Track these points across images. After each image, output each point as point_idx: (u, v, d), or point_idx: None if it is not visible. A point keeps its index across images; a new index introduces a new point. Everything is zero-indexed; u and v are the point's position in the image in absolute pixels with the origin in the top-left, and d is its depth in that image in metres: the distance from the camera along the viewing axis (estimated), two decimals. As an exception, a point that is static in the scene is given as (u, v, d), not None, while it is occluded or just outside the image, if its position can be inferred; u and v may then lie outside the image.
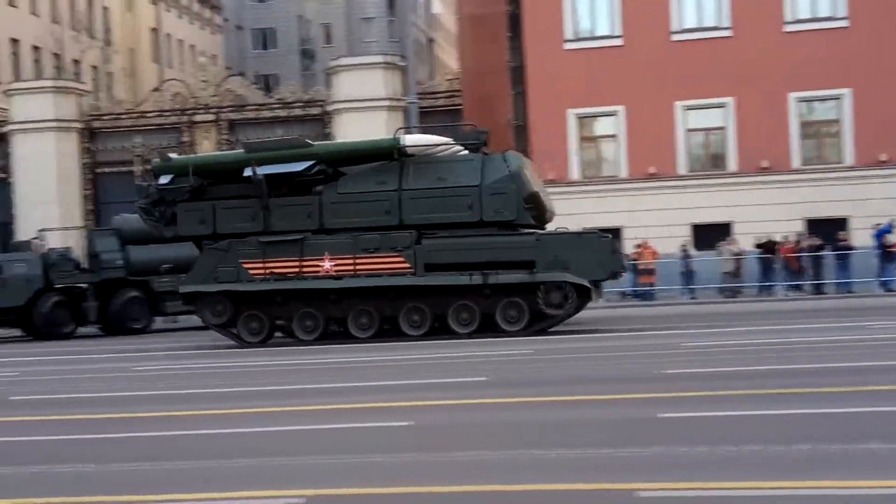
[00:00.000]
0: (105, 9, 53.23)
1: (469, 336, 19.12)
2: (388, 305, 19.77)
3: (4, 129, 38.46)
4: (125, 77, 54.35)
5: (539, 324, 19.54)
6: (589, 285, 19.15)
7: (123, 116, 38.99)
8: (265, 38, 70.32)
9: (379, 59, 38.63)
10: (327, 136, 37.36)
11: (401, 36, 62.33)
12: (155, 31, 57.79)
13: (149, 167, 21.89)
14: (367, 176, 19.95)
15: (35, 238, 30.32)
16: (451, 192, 19.26)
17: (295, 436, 8.91)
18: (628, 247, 31.67)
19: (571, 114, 32.91)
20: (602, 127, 33.54)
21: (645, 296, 30.51)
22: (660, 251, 30.26)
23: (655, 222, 31.50)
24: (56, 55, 48.58)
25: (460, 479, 6.70)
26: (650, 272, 30.40)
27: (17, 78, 43.82)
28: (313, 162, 19.98)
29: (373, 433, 8.83)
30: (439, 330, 19.59)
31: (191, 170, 20.71)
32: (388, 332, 19.94)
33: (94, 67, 51.70)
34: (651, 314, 24.62)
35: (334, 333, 20.44)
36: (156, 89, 41.01)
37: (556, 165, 29.65)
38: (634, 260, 30.19)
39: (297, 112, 38.07)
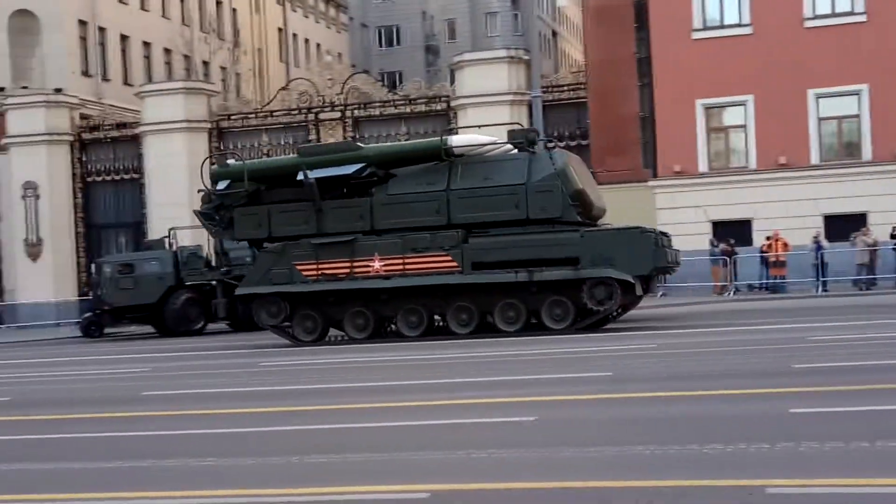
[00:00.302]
0: (233, 10, 54.30)
1: (516, 334, 19.12)
2: (436, 304, 20.11)
3: (137, 131, 39.49)
4: (253, 77, 55.36)
5: (584, 321, 19.38)
6: (633, 280, 19.01)
7: (251, 116, 39.65)
8: (390, 36, 70.88)
9: (503, 53, 38.46)
10: (451, 132, 37.37)
11: (525, 29, 62.09)
12: (282, 31, 58.74)
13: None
14: (416, 177, 20.28)
15: (166, 237, 31.06)
16: (497, 191, 19.42)
17: (419, 431, 8.86)
18: (758, 239, 30.90)
19: (699, 104, 32.28)
20: (730, 117, 32.83)
21: (776, 288, 29.76)
22: (791, 243, 29.47)
23: (786, 213, 30.70)
24: (186, 57, 49.76)
25: (585, 474, 6.54)
26: (781, 264, 29.66)
27: (149, 80, 44.97)
28: (363, 165, 20.39)
29: (497, 428, 8.72)
30: (485, 328, 19.73)
31: (246, 175, 21.17)
32: (437, 330, 20.24)
33: (223, 68, 52.80)
34: (782, 307, 23.92)
35: (387, 332, 20.69)
36: (283, 88, 41.58)
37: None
38: (765, 252, 29.44)
39: (421, 108, 38.16)
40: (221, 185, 21.46)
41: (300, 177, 20.40)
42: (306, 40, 61.75)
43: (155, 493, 6.79)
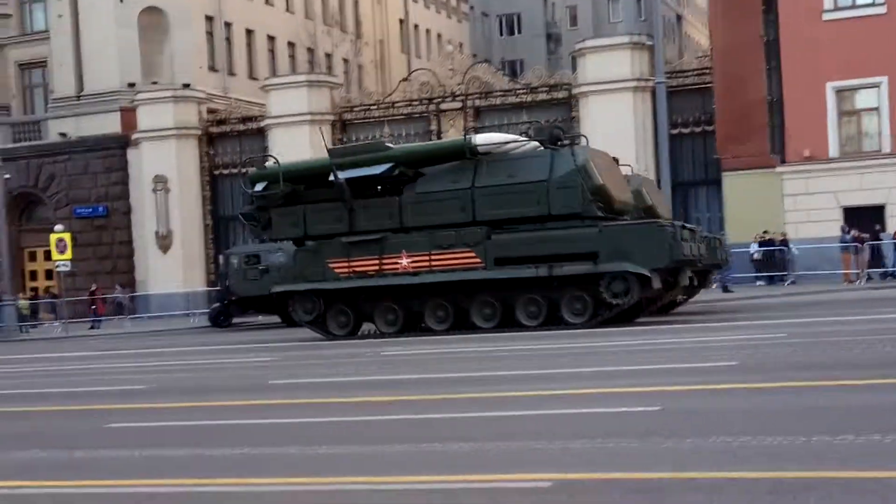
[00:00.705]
0: (355, 3, 54.85)
1: (537, 328, 19.35)
2: (461, 299, 20.42)
3: (262, 124, 40.19)
4: (375, 69, 55.86)
5: (603, 314, 19.40)
6: (649, 274, 18.96)
7: (373, 107, 40.00)
8: (511, 24, 70.71)
9: (626, 39, 38.07)
10: (573, 120, 37.05)
11: (648, 14, 61.19)
12: (403, 22, 59.12)
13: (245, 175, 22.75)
14: (443, 175, 20.68)
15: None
16: (520, 188, 19.69)
17: (542, 420, 8.78)
18: (892, 225, 29.91)
19: (829, 87, 31.39)
20: (863, 100, 31.86)
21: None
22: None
23: (922, 199, 29.66)
24: (310, 50, 50.46)
25: (710, 465, 6.37)
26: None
27: (274, 74, 45.71)
28: (391, 164, 20.78)
29: (620, 418, 8.59)
30: (509, 323, 19.95)
31: (281, 177, 21.67)
32: (463, 325, 20.31)
33: (346, 60, 53.37)
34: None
35: (420, 327, 20.96)
36: (404, 79, 41.84)
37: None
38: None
39: (543, 97, 37.97)
40: (259, 187, 22.05)
41: (331, 178, 20.87)
42: (427, 31, 62.02)
43: (281, 480, 6.84)
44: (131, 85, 42.40)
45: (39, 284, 44.11)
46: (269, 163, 24.17)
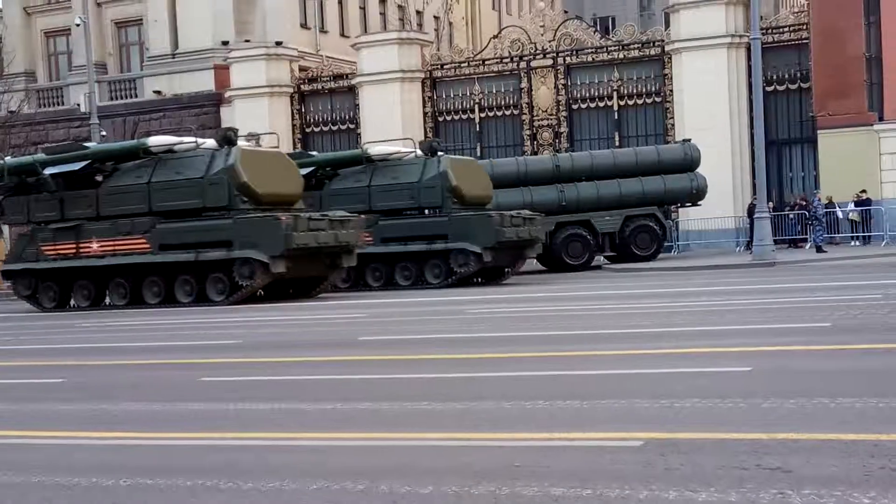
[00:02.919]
0: (446, -40, 54.50)
1: (189, 305, 22.54)
2: (135, 278, 23.57)
3: (353, 82, 40.30)
4: (465, 26, 55.58)
5: (235, 295, 22.40)
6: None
7: (463, 65, 39.82)
8: (602, -20, 69.65)
9: (721, -6, 37.17)
10: (665, 77, 36.50)
11: (743, -30, 59.66)
12: (494, -22, 58.62)
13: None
14: (130, 172, 23.95)
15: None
16: (184, 184, 22.96)
17: (631, 379, 8.73)
18: None
19: (931, 42, 30.37)
20: (967, 55, 30.78)
21: None
22: None
23: None
24: (400, 7, 50.38)
25: (804, 426, 6.27)
26: None
27: (365, 31, 45.76)
28: (89, 162, 24.14)
29: (711, 378, 8.49)
30: (172, 300, 23.07)
31: (5, 171, 25.06)
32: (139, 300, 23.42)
33: (436, 18, 53.17)
34: None
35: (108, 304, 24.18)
36: (494, 37, 41.57)
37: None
38: None
39: (635, 54, 37.46)
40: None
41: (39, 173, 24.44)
42: (518, -13, 61.44)
43: (363, 434, 6.89)
44: (224, 43, 42.82)
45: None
46: (8, 159, 27.24)
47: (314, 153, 30.29)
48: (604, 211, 30.78)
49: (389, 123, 38.93)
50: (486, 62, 39.49)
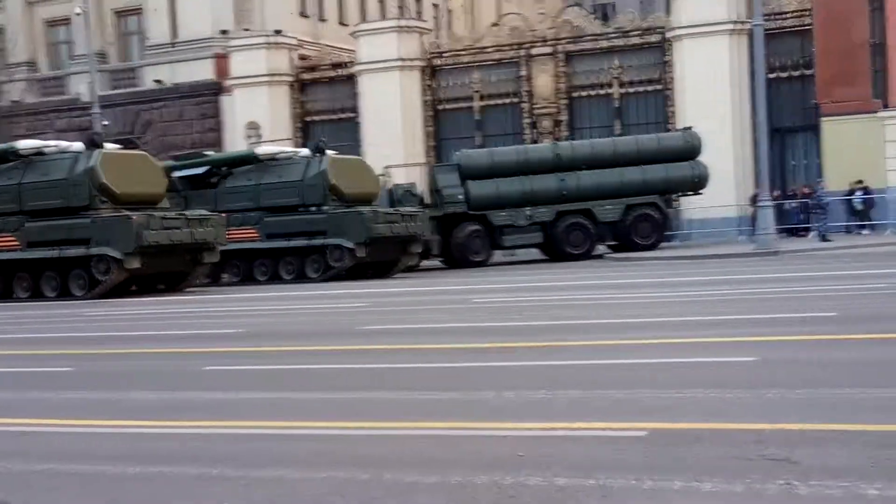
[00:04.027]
0: (446, -53, 54.39)
1: (54, 300, 23.57)
2: (6, 274, 24.63)
3: (352, 70, 40.22)
4: (464, 13, 55.45)
5: (95, 290, 23.47)
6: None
7: (463, 53, 39.74)
8: (602, -32, 69.37)
9: (722, -20, 37.06)
10: (666, 65, 36.41)
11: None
12: (493, -35, 58.45)
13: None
14: (2, 174, 24.85)
15: (381, 174, 31.61)
16: (49, 184, 24.00)
17: (635, 369, 8.70)
18: None
19: (935, 29, 30.28)
20: (973, 43, 30.69)
21: None
22: None
23: None
24: (400, -5, 50.22)
25: (811, 416, 6.26)
26: None
27: (364, 19, 45.65)
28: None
29: (715, 368, 8.48)
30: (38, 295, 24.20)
31: None
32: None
33: (435, 5, 53.09)
34: None
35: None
36: (494, 24, 41.53)
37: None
38: None
39: (636, 41, 37.37)
40: None
41: None
42: (518, -26, 61.25)
43: (368, 424, 6.89)
44: (224, 32, 42.74)
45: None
46: None
47: (210, 152, 31.89)
48: (605, 200, 30.74)
49: (389, 112, 38.90)
50: (486, 50, 39.41)
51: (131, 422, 7.46)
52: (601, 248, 31.97)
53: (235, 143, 41.41)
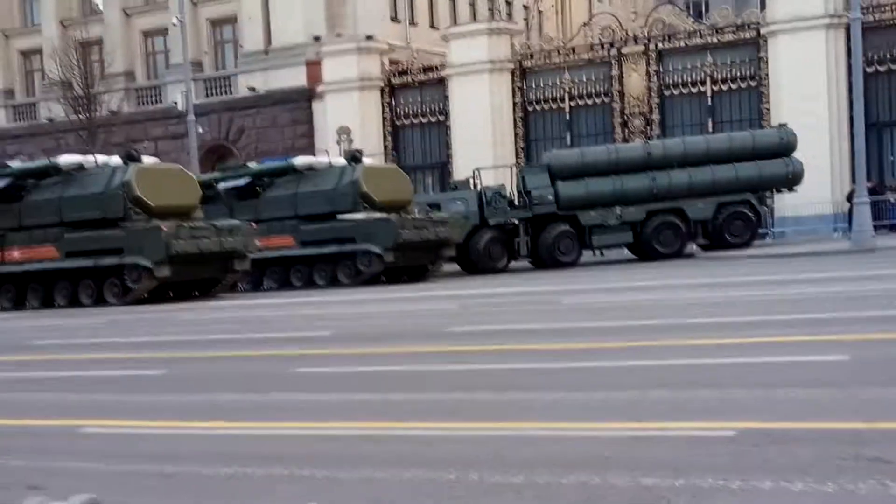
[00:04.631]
0: (535, -52, 54.25)
1: (90, 307, 24.51)
2: (47, 282, 25.96)
3: (443, 74, 40.36)
4: (555, 14, 55.25)
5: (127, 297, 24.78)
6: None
7: (553, 54, 39.60)
8: (694, -36, 68.58)
9: (819, -27, 36.36)
10: (760, 61, 35.85)
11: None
12: (584, -35, 58.16)
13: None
14: (45, 188, 26.47)
15: (470, 177, 31.66)
16: (87, 198, 25.19)
17: (724, 369, 8.60)
18: None
19: None
20: None
21: None
22: None
23: None
24: (490, -2, 50.28)
25: (899, 416, 6.09)
26: None
27: (454, 22, 45.77)
28: (10, 179, 26.73)
29: (807, 367, 8.35)
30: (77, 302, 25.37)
31: None
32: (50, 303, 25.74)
33: (526, 7, 53.00)
34: None
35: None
36: (585, 24, 41.29)
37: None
38: None
39: (729, 37, 36.87)
40: None
41: None
42: (608, -27, 60.86)
43: (455, 424, 6.92)
44: (316, 38, 43.23)
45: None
46: None
47: (251, 164, 32.77)
48: (696, 198, 30.33)
49: (478, 114, 38.95)
50: (577, 50, 39.21)
51: (223, 423, 7.61)
52: (692, 247, 31.58)
53: (328, 147, 41.86)
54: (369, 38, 42.15)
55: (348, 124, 41.37)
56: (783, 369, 8.30)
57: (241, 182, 30.10)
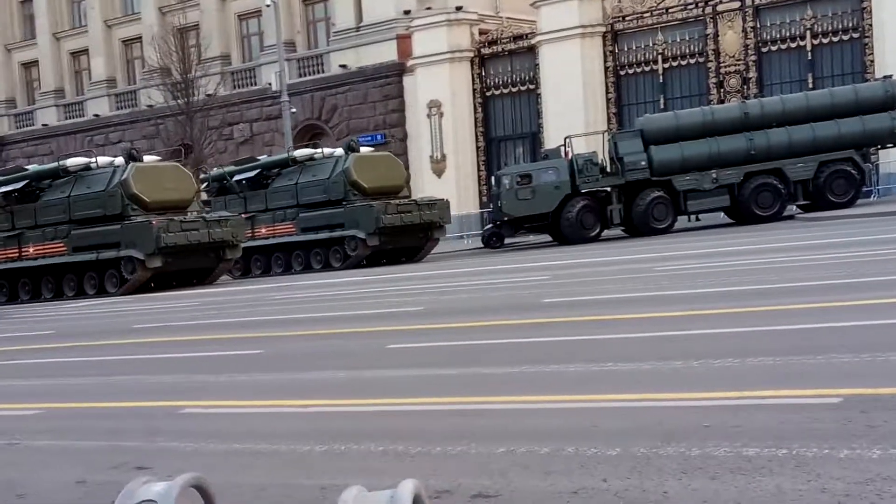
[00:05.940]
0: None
1: (92, 297, 26.91)
2: (56, 276, 28.53)
3: (533, 41, 40.03)
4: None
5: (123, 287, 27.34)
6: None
7: (646, 15, 38.97)
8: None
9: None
10: (864, 11, 34.73)
11: None
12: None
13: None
14: (57, 188, 28.80)
15: (562, 145, 31.38)
16: (92, 196, 27.59)
17: (827, 333, 8.34)
18: None
19: None
20: None
21: None
22: None
23: None
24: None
25: None
26: None
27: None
28: (27, 181, 29.31)
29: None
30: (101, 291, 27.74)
31: None
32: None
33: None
34: None
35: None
36: (678, -17, 40.45)
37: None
38: None
39: (834, -11, 35.70)
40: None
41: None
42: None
43: (548, 397, 6.84)
44: (406, 12, 43.21)
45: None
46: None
47: (261, 158, 35.11)
48: (796, 157, 29.58)
49: (569, 81, 38.55)
50: (670, 10, 38.52)
51: (318, 401, 7.65)
52: (792, 209, 30.85)
53: (418, 122, 41.93)
54: (458, 8, 41.98)
55: (439, 97, 41.34)
56: (890, 332, 8.02)
57: (251, 174, 32.66)
